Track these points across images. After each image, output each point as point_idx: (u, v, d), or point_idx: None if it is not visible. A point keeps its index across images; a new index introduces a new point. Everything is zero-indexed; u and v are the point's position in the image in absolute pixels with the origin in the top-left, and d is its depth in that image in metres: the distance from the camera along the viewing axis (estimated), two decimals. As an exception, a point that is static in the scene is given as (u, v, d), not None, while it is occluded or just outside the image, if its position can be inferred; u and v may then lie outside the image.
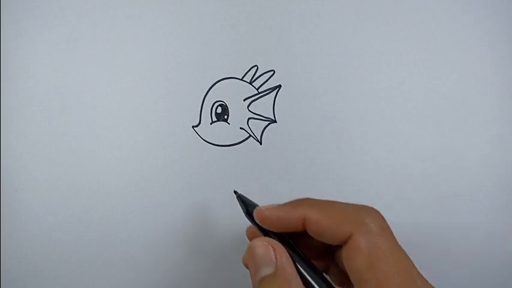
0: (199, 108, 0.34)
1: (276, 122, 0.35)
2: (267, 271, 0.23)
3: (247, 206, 0.27)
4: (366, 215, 0.23)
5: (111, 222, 0.34)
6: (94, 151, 0.34)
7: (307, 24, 0.35)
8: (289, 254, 0.24)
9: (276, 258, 0.23)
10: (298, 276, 0.23)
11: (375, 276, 0.21)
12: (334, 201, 0.24)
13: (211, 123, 0.35)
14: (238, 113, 0.35)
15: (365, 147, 0.35)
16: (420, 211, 0.35)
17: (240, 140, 0.35)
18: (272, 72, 0.35)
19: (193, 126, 0.35)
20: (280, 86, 0.35)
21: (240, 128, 0.35)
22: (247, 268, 0.26)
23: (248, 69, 0.35)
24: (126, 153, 0.34)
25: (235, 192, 0.29)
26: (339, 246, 0.24)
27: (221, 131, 0.35)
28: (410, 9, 0.35)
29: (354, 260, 0.22)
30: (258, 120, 0.35)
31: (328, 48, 0.35)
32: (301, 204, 0.25)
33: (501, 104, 0.36)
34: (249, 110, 0.35)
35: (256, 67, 0.34)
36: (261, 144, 0.35)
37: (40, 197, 0.34)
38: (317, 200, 0.25)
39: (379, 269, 0.22)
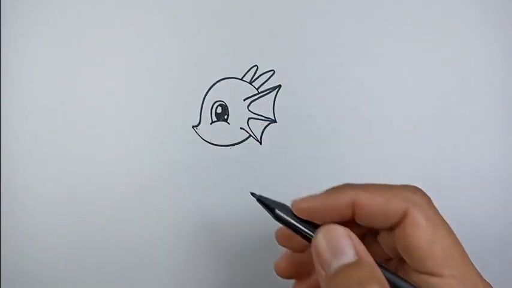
0: (199, 108, 0.34)
1: (276, 122, 0.35)
2: (346, 259, 0.21)
3: (274, 207, 0.24)
4: (415, 192, 0.23)
5: (111, 222, 0.34)
6: (94, 151, 0.34)
7: (307, 24, 0.35)
8: None
9: (354, 246, 0.21)
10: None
11: (438, 251, 0.21)
12: (376, 184, 0.23)
13: (211, 123, 0.35)
14: (238, 113, 0.35)
15: (365, 147, 0.35)
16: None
17: (240, 140, 0.35)
18: (272, 72, 0.35)
19: (193, 126, 0.35)
20: (280, 86, 0.35)
21: (240, 128, 0.35)
22: (280, 275, 0.26)
23: (248, 69, 0.35)
24: (126, 153, 0.34)
25: (253, 194, 0.26)
26: (386, 232, 0.23)
27: (221, 131, 0.35)
28: (410, 9, 0.35)
29: (413, 236, 0.21)
30: (258, 120, 0.35)
31: (328, 48, 0.35)
32: (345, 188, 0.23)
33: (501, 104, 0.36)
34: (249, 110, 0.35)
35: (256, 67, 0.35)
36: (261, 144, 0.35)
37: (40, 197, 0.34)
38: (357, 184, 0.23)
39: (440, 243, 0.21)
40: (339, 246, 0.21)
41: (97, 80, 0.34)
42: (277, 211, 0.24)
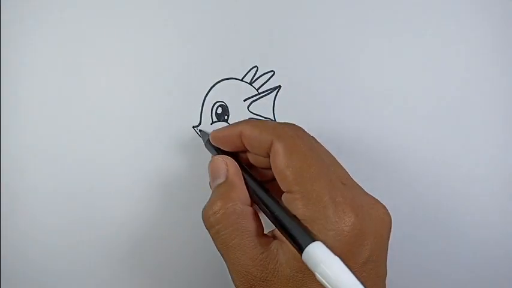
0: (200, 109, 0.34)
1: (276, 122, 0.35)
2: (220, 180, 0.28)
3: (206, 137, 0.32)
4: (285, 126, 0.28)
5: (111, 222, 0.34)
6: (94, 151, 0.34)
7: (306, 24, 0.35)
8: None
9: (227, 170, 0.28)
10: (244, 184, 0.28)
11: (292, 171, 0.25)
12: (267, 121, 0.29)
13: (211, 124, 0.35)
14: (238, 113, 0.35)
15: (365, 147, 0.35)
16: (420, 211, 0.35)
17: (240, 140, 0.35)
18: (272, 72, 0.35)
19: (193, 127, 0.35)
20: (280, 86, 0.35)
21: (240, 128, 0.35)
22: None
23: (248, 69, 0.35)
24: (126, 153, 0.34)
25: (194, 127, 0.34)
26: None
27: (221, 131, 0.35)
28: (411, 9, 0.35)
29: (274, 162, 0.26)
30: (258, 121, 0.35)
31: (328, 49, 0.35)
32: (241, 122, 0.30)
33: (501, 104, 0.36)
34: (249, 111, 0.35)
35: (256, 68, 0.35)
36: (261, 144, 0.35)
37: (40, 197, 0.34)
38: (255, 119, 0.30)
39: (294, 165, 0.25)
40: (217, 170, 0.29)
41: (97, 80, 0.34)
42: (205, 142, 0.33)
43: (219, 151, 0.31)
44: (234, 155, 0.30)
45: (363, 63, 0.35)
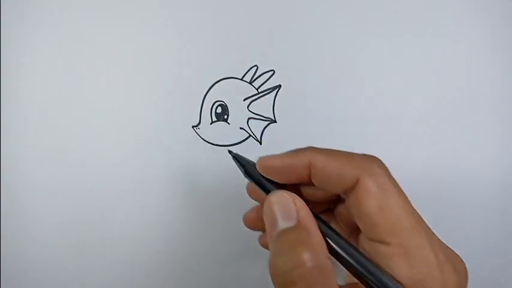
0: (199, 108, 0.34)
1: (275, 122, 0.35)
2: (287, 224, 0.22)
3: (245, 165, 0.26)
4: (371, 160, 0.23)
5: (111, 222, 0.34)
6: (94, 151, 0.34)
7: (306, 24, 0.35)
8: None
9: (297, 211, 0.22)
10: (319, 229, 0.22)
11: (387, 218, 0.21)
12: (338, 150, 0.24)
13: (211, 123, 0.35)
14: (238, 113, 0.35)
15: (365, 147, 0.35)
16: (419, 211, 0.35)
17: (240, 140, 0.35)
18: (272, 72, 0.35)
19: (193, 126, 0.35)
20: (280, 86, 0.35)
21: (240, 128, 0.35)
22: (249, 226, 0.27)
23: (248, 69, 0.35)
24: (126, 153, 0.34)
25: (229, 152, 0.27)
26: (340, 200, 0.24)
27: (221, 131, 0.35)
28: (411, 9, 0.35)
29: (363, 203, 0.21)
30: (258, 120, 0.35)
31: (328, 48, 0.35)
32: (306, 150, 0.24)
33: (501, 104, 0.36)
34: (249, 110, 0.35)
35: (256, 67, 0.35)
36: (261, 144, 0.35)
37: (40, 197, 0.34)
38: (320, 147, 0.24)
39: (390, 210, 0.21)
40: (283, 211, 0.22)
41: (97, 80, 0.34)
42: (246, 169, 0.26)
43: (263, 182, 0.25)
44: (283, 186, 0.25)
45: (363, 63, 0.35)
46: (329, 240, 0.22)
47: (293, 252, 0.21)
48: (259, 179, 0.25)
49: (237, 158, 0.26)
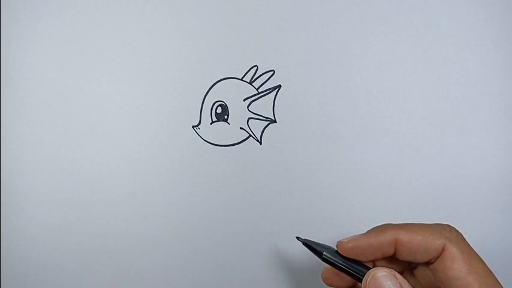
0: (199, 108, 0.34)
1: (275, 122, 0.35)
2: None
3: (321, 250, 0.27)
4: (450, 230, 0.25)
5: (111, 222, 0.34)
6: (94, 151, 0.34)
7: (306, 24, 0.35)
8: None
9: (401, 286, 0.24)
10: None
11: (476, 279, 0.24)
12: (413, 223, 0.26)
13: (211, 123, 0.35)
14: (238, 113, 0.35)
15: (365, 147, 0.35)
16: (420, 211, 0.35)
17: (240, 140, 0.35)
18: (272, 72, 0.35)
19: (193, 126, 0.35)
20: (280, 86, 0.35)
21: (240, 128, 0.35)
22: (329, 283, 0.28)
23: (248, 69, 0.35)
24: (126, 153, 0.34)
25: (298, 238, 0.28)
26: (423, 266, 0.26)
27: (221, 131, 0.35)
28: (411, 9, 0.35)
29: (452, 268, 0.24)
30: (258, 120, 0.35)
31: (328, 48, 0.35)
32: (386, 228, 0.26)
33: (501, 104, 0.36)
34: (249, 110, 0.35)
35: (256, 67, 0.35)
36: (260, 144, 0.35)
37: (40, 198, 0.34)
38: (396, 223, 0.26)
39: (476, 271, 0.24)
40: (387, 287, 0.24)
41: (97, 80, 0.34)
42: (325, 254, 0.27)
43: (342, 263, 0.26)
44: (360, 262, 0.26)
45: (363, 63, 0.35)
46: None
47: None
48: (338, 262, 0.26)
49: (309, 244, 0.27)
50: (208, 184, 0.35)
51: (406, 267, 0.28)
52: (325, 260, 0.27)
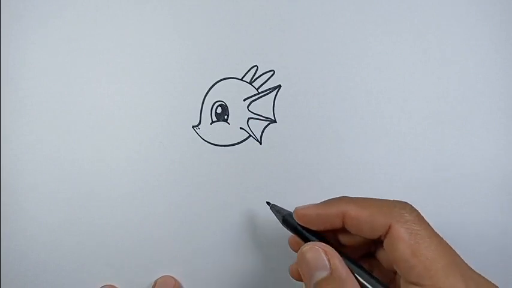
0: (199, 108, 0.34)
1: (275, 122, 0.35)
2: (321, 274, 0.24)
3: (283, 214, 0.29)
4: (402, 207, 0.24)
5: (111, 222, 0.34)
6: (94, 151, 0.34)
7: (307, 24, 0.35)
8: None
9: (329, 261, 0.24)
10: (353, 276, 0.24)
11: (420, 262, 0.22)
12: (370, 198, 0.26)
13: (211, 123, 0.35)
14: (238, 113, 0.35)
15: (365, 147, 0.35)
16: (420, 211, 0.35)
17: (240, 140, 0.35)
18: (272, 72, 0.35)
19: (193, 126, 0.35)
20: (280, 86, 0.35)
21: (240, 128, 0.35)
22: (295, 278, 0.28)
23: (248, 69, 0.35)
24: (126, 153, 0.34)
25: (268, 203, 0.31)
26: (379, 244, 0.25)
27: (221, 131, 0.35)
28: (411, 9, 0.35)
29: (397, 249, 0.23)
30: (258, 120, 0.35)
31: (328, 48, 0.35)
32: (339, 200, 0.26)
33: (501, 104, 0.36)
34: (249, 110, 0.35)
35: (256, 67, 0.35)
36: (260, 144, 0.35)
37: (40, 198, 0.34)
38: (352, 197, 0.26)
39: (423, 254, 0.23)
40: (315, 262, 0.24)
41: (97, 80, 0.34)
42: (284, 218, 0.29)
43: (299, 230, 0.27)
44: (319, 233, 0.27)
45: (363, 63, 0.35)
46: (366, 284, 0.24)
47: None
48: (297, 228, 0.27)
49: (276, 208, 0.30)
50: (208, 184, 0.35)
51: (367, 251, 0.28)
52: (284, 223, 0.28)
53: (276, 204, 0.30)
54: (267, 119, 0.35)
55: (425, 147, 0.35)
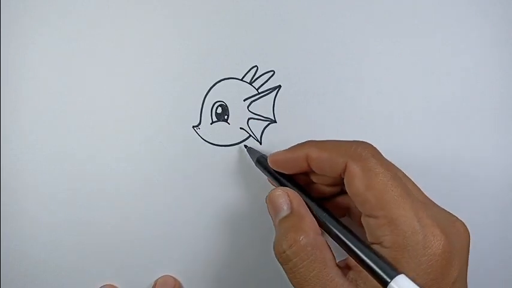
0: (200, 109, 0.34)
1: (275, 122, 0.35)
2: (284, 213, 0.27)
3: (257, 156, 0.32)
4: (358, 146, 0.26)
5: (111, 222, 0.34)
6: (94, 151, 0.34)
7: (306, 24, 0.35)
8: (302, 197, 0.28)
9: (290, 202, 0.27)
10: (311, 214, 0.27)
11: (373, 195, 0.24)
12: (332, 140, 0.28)
13: (211, 123, 0.35)
14: (238, 113, 0.35)
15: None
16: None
17: (240, 140, 0.35)
18: (272, 72, 0.35)
19: (193, 126, 0.35)
20: (280, 86, 0.35)
21: (240, 128, 0.35)
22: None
23: (248, 69, 0.35)
24: (126, 153, 0.34)
25: (245, 146, 0.34)
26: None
27: (221, 131, 0.35)
28: (411, 9, 0.35)
29: (352, 185, 0.25)
30: (258, 120, 0.35)
31: (328, 48, 0.35)
32: (304, 144, 0.29)
33: (501, 104, 0.36)
34: (249, 110, 0.35)
35: (256, 67, 0.35)
36: (261, 144, 0.35)
37: (40, 198, 0.34)
38: (316, 140, 0.29)
39: (375, 187, 0.24)
40: (278, 204, 0.27)
41: (97, 80, 0.34)
42: (257, 159, 0.32)
43: (273, 173, 0.31)
44: (290, 176, 0.30)
45: (363, 63, 0.35)
46: (323, 222, 0.27)
47: (288, 235, 0.25)
48: (271, 171, 0.31)
49: (252, 150, 0.33)
50: (209, 184, 0.35)
51: (339, 190, 0.30)
52: (257, 164, 0.32)
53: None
54: (267, 119, 0.35)
55: (425, 147, 0.35)
